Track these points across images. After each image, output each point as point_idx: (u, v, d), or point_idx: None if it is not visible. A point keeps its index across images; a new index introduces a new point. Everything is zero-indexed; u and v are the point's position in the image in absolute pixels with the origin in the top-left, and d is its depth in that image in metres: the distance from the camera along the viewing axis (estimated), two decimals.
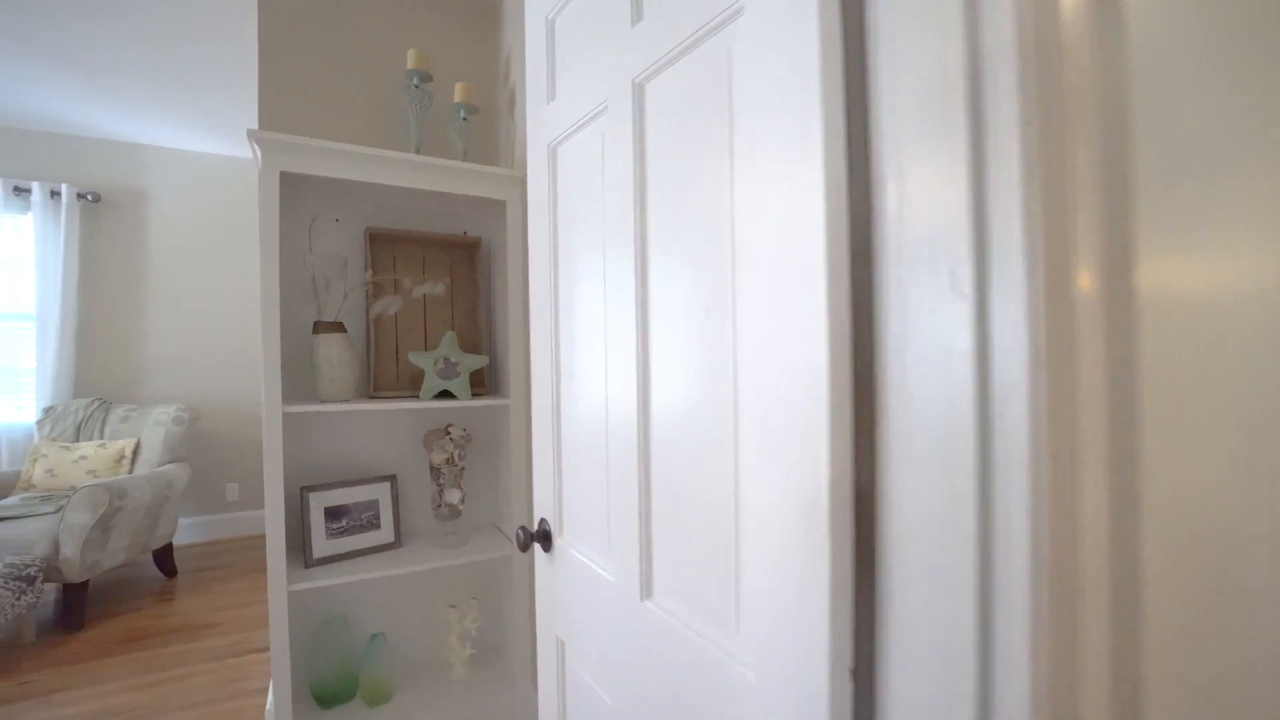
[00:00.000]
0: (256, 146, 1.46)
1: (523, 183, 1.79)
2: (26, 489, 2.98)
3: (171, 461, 3.21)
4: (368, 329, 1.80)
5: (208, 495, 3.86)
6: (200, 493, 3.83)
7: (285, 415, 1.61)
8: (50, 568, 2.62)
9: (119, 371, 3.65)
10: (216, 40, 2.56)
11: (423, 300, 1.90)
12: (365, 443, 1.85)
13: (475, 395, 1.83)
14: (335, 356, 1.63)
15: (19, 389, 3.43)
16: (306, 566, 1.64)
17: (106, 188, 3.62)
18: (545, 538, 1.10)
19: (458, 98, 1.80)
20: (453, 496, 1.83)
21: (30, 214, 3.38)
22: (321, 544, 1.67)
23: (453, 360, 1.77)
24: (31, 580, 2.53)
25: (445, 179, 1.68)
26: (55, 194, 3.43)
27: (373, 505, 1.78)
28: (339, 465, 1.82)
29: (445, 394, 1.78)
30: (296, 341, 1.75)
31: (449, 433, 1.82)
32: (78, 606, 2.70)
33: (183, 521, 3.76)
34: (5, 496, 2.98)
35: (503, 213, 1.84)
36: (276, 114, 1.74)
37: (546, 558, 1.11)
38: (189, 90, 3.00)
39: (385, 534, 1.79)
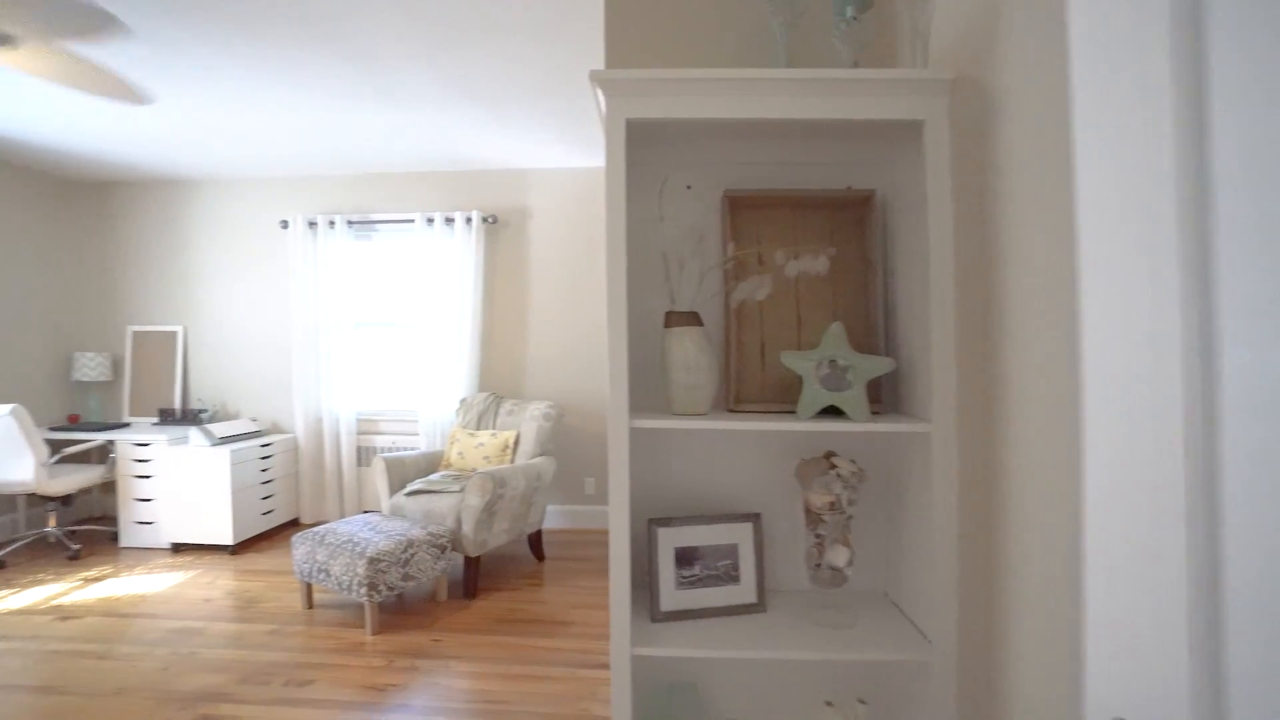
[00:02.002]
0: (600, 92, 1.16)
1: (952, 87, 1.15)
2: (446, 467, 3.55)
3: (542, 454, 3.48)
4: (726, 321, 1.39)
5: (569, 486, 4.17)
6: (563, 483, 4.17)
7: (632, 430, 1.30)
8: (455, 540, 2.99)
9: (508, 369, 4.21)
10: (583, 54, 2.57)
11: (793, 283, 1.42)
12: (722, 470, 1.45)
13: (874, 415, 1.26)
14: (691, 357, 1.25)
15: (450, 380, 4.18)
16: (653, 620, 1.30)
17: (501, 209, 4.21)
18: None
19: None
20: (838, 556, 1.29)
21: (454, 238, 4.10)
22: (670, 594, 1.32)
23: (841, 363, 1.24)
24: (444, 549, 2.89)
25: (833, 97, 1.15)
26: (468, 220, 4.09)
27: (730, 551, 1.36)
28: (691, 496, 1.45)
29: (830, 410, 1.25)
30: (644, 339, 1.45)
31: (834, 466, 1.28)
32: (473, 577, 3.04)
33: (549, 509, 4.13)
34: (433, 471, 3.60)
35: (906, 148, 1.23)
36: (624, 59, 1.47)
37: None
38: (560, 107, 3.16)
39: (745, 590, 1.35)
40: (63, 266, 4.47)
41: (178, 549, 3.82)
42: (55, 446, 4.03)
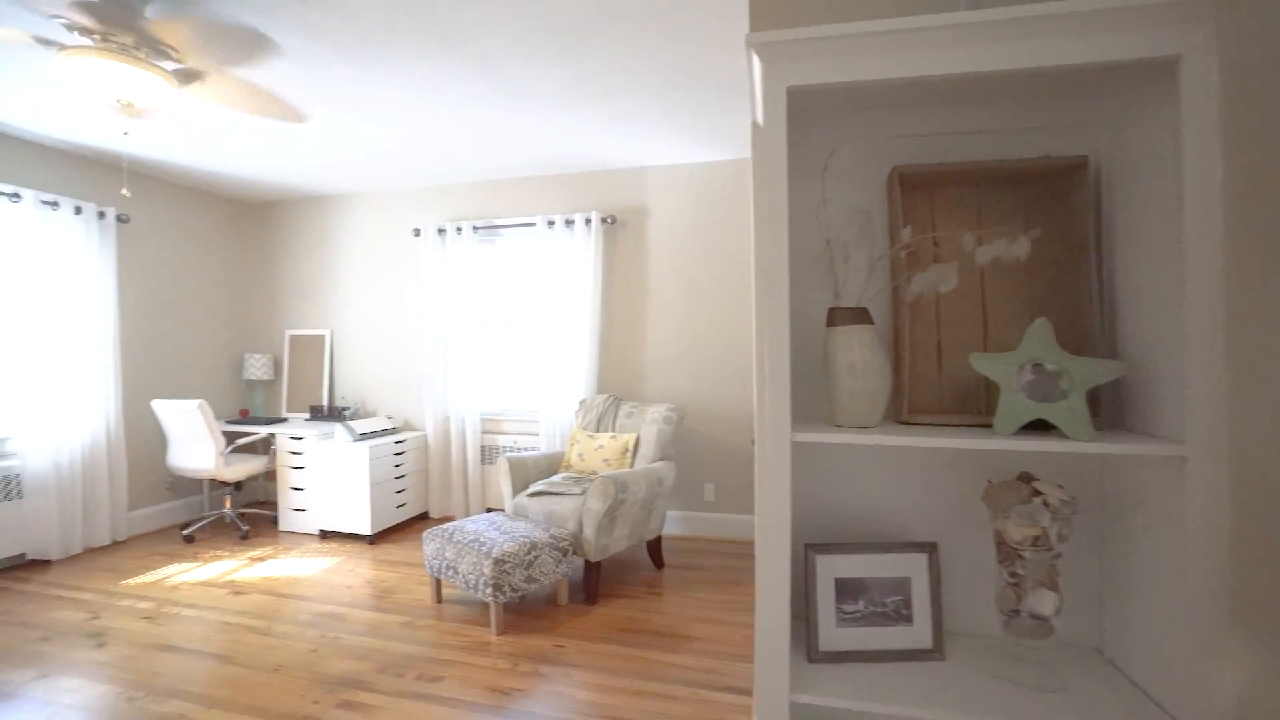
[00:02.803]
0: (756, 59, 1.02)
1: (1220, 7, 0.89)
2: (566, 468, 3.55)
3: (662, 458, 3.38)
4: (895, 319, 1.20)
5: (688, 492, 4.05)
6: (682, 489, 4.06)
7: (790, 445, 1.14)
8: (576, 544, 2.96)
9: (626, 371, 4.17)
10: (705, 42, 2.45)
11: (978, 273, 1.20)
12: (890, 490, 1.26)
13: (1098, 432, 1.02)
14: (859, 360, 1.07)
15: (570, 382, 4.21)
16: (810, 660, 1.14)
17: (619, 209, 4.18)
18: None
19: None
20: (1043, 603, 1.06)
21: (573, 239, 4.12)
22: (831, 632, 1.15)
23: (1050, 368, 1.01)
24: (565, 552, 2.87)
25: (1051, 39, 0.93)
26: (588, 221, 4.09)
27: (900, 586, 1.17)
28: (853, 519, 1.27)
29: (1037, 425, 1.03)
30: (798, 338, 1.28)
31: (1038, 493, 1.05)
32: (594, 583, 3.00)
33: (668, 514, 4.03)
34: (554, 472, 3.62)
35: (1138, 98, 0.98)
36: (771, 22, 1.31)
37: None
38: (680, 101, 3.06)
39: (918, 633, 1.15)
40: (235, 278, 5.02)
41: (325, 535, 4.14)
42: (230, 438, 4.53)
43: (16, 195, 3.52)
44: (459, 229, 4.38)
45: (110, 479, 3.96)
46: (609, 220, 4.12)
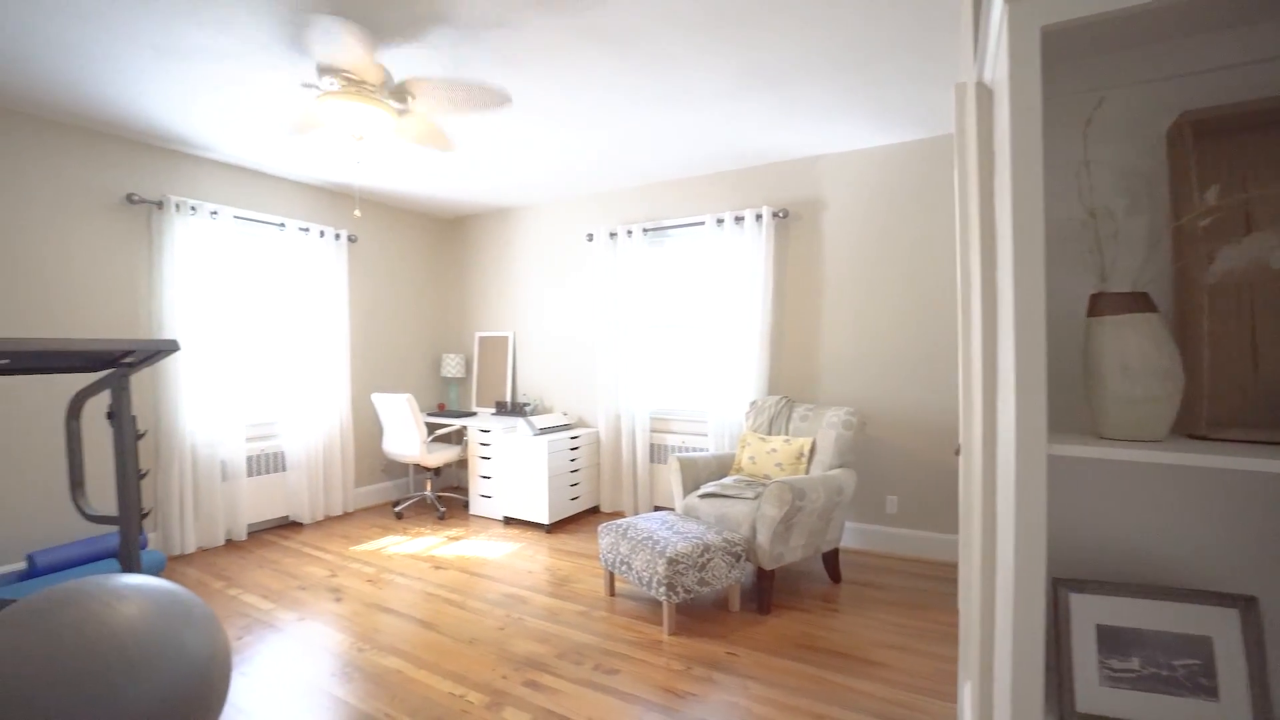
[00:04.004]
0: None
1: None
2: (737, 471, 3.46)
3: (840, 466, 3.15)
4: (1182, 307, 0.95)
5: (868, 504, 3.75)
6: (861, 500, 3.76)
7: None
8: (749, 550, 2.86)
9: (800, 371, 3.97)
10: (894, 10, 2.22)
11: None
12: (1178, 523, 1.00)
13: None
14: (1137, 358, 0.86)
15: (739, 382, 4.12)
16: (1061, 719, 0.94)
17: (791, 203, 3.99)
18: None
19: None
20: None
21: (743, 236, 4.02)
22: (1092, 691, 0.93)
23: None
24: (739, 557, 2.79)
25: None
26: (758, 217, 3.97)
27: (1199, 647, 0.92)
28: (1117, 554, 1.03)
29: None
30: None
31: None
32: (767, 592, 2.87)
33: (846, 526, 3.76)
34: (724, 474, 3.55)
35: None
36: None
37: None
38: (860, 81, 2.82)
39: (1227, 713, 0.89)
40: (435, 286, 5.65)
41: (508, 522, 4.48)
42: (430, 428, 5.11)
43: (282, 224, 4.29)
44: (629, 232, 4.50)
45: (342, 460, 4.66)
46: (780, 214, 3.96)
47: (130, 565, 2.20)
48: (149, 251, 3.69)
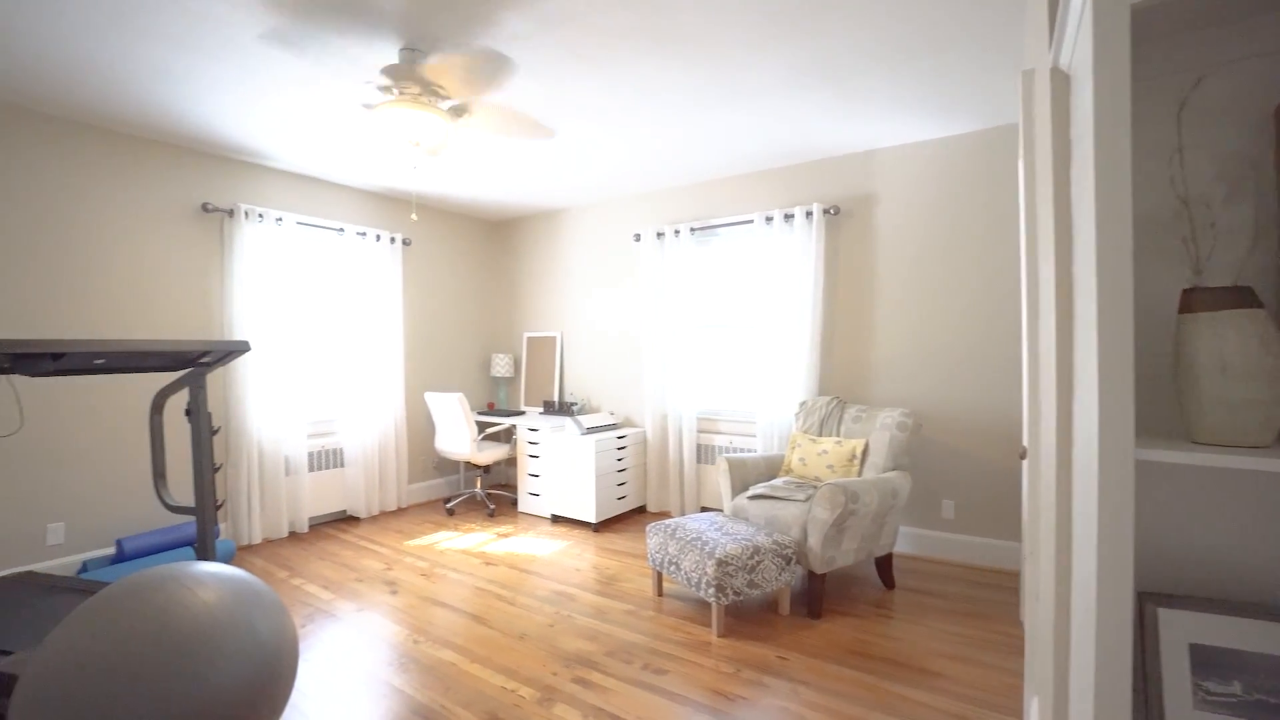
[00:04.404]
0: None
1: None
2: (787, 473, 3.41)
3: (895, 468, 3.06)
4: None
5: (923, 508, 3.63)
6: (917, 503, 3.65)
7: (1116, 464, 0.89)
8: (800, 553, 2.81)
9: (851, 372, 3.87)
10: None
11: None
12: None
13: None
14: (1238, 357, 0.80)
15: (788, 383, 4.06)
16: None
17: (843, 199, 3.90)
18: None
19: None
20: None
21: (793, 234, 3.95)
22: (1184, 713, 0.88)
23: None
24: (789, 560, 2.75)
25: None
26: (808, 214, 3.89)
27: None
28: (1211, 569, 0.96)
29: None
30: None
31: None
32: (818, 596, 2.82)
33: (900, 530, 3.66)
34: (773, 475, 3.50)
35: None
36: None
37: None
38: (918, 71, 2.73)
39: None
40: (484, 287, 5.77)
41: (555, 520, 4.53)
42: (480, 427, 5.22)
43: (341, 229, 4.46)
44: (676, 231, 4.49)
45: (397, 456, 4.81)
46: (832, 211, 3.87)
47: (206, 553, 2.32)
48: (220, 257, 3.90)
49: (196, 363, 2.29)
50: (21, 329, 3.13)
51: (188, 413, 2.32)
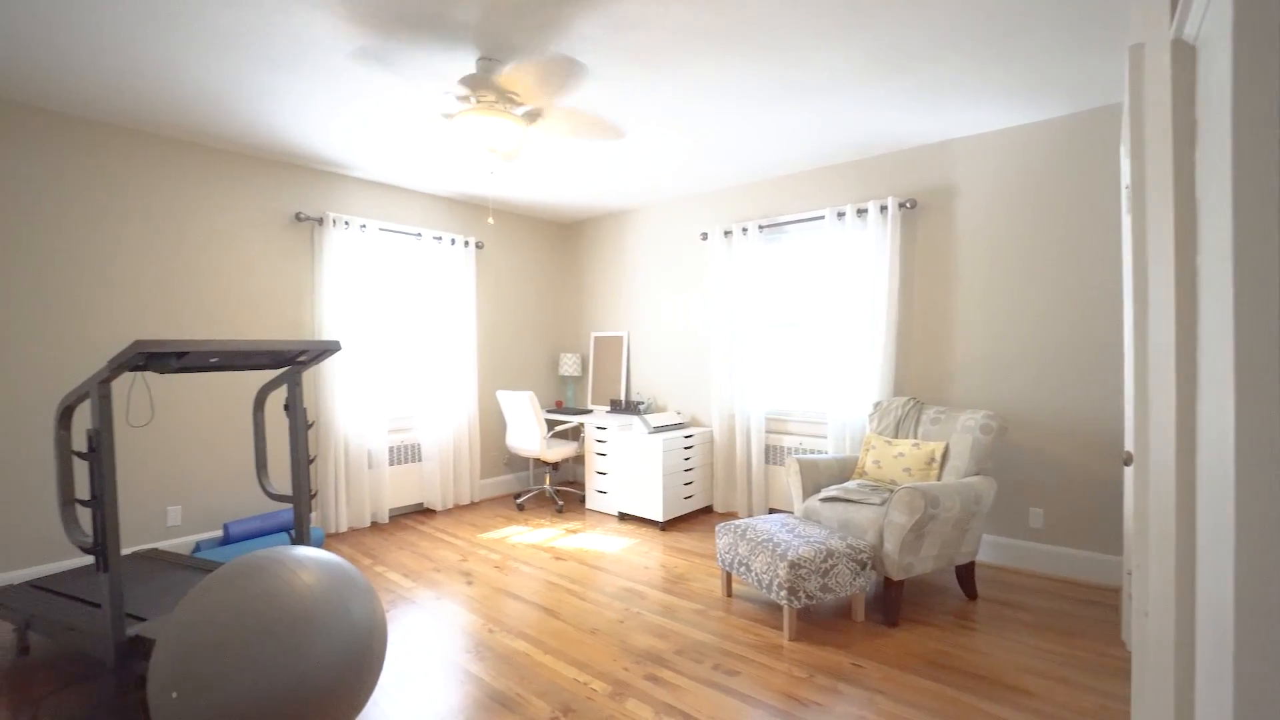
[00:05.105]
0: None
1: None
2: (860, 475, 3.31)
3: (977, 473, 2.92)
4: None
5: (1008, 516, 3.44)
6: (1002, 511, 3.46)
7: None
8: (875, 558, 2.73)
9: (930, 372, 3.72)
10: None
11: None
12: None
13: None
14: None
15: (862, 383, 3.94)
16: None
17: (919, 192, 3.75)
18: None
19: None
20: None
21: (865, 230, 3.83)
22: None
23: None
24: (864, 565, 2.67)
25: None
26: (882, 208, 3.77)
27: None
28: None
29: None
30: None
31: None
32: (895, 603, 2.72)
33: (983, 539, 3.48)
34: (845, 477, 3.40)
35: None
36: None
37: None
38: (997, 57, 2.59)
39: None
40: (553, 287, 5.90)
41: (623, 517, 4.58)
42: (549, 425, 5.34)
43: (418, 234, 4.67)
44: (744, 229, 4.44)
45: (470, 452, 4.99)
46: (907, 205, 3.73)
47: (302, 539, 2.49)
48: (311, 262, 4.16)
49: (294, 361, 2.45)
50: (141, 330, 3.45)
51: (286, 408, 2.49)
